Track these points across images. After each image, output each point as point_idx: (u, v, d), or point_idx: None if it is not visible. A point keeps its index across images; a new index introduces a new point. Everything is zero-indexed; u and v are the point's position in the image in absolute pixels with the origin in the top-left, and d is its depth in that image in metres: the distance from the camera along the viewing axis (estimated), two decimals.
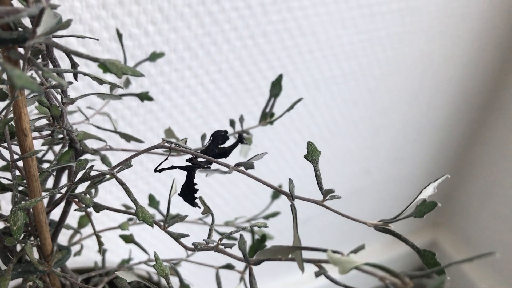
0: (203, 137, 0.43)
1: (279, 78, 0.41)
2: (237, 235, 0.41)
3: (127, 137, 0.41)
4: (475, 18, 0.82)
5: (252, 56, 0.65)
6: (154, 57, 0.46)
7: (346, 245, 1.04)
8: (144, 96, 0.42)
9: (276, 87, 0.41)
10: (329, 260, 0.22)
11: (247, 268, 0.41)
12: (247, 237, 0.46)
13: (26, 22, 0.33)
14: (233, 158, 0.33)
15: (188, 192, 0.30)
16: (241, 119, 0.42)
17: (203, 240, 0.30)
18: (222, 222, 0.51)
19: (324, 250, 0.23)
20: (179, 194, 0.31)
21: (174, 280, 0.42)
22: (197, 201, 0.32)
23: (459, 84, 0.92)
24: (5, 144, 0.34)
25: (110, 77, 0.54)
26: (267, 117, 0.41)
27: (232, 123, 0.42)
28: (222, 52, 0.63)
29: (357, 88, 0.80)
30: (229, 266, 0.42)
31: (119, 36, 0.43)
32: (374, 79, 0.80)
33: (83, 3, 0.51)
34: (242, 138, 0.29)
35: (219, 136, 0.30)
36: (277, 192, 0.50)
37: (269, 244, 0.41)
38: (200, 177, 0.72)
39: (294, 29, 0.66)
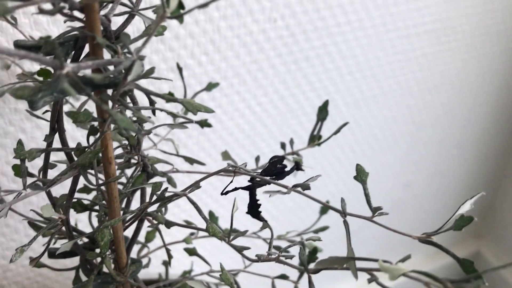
0: (257, 159, 0.47)
1: (325, 103, 0.45)
2: (290, 248, 0.45)
3: (191, 160, 0.46)
4: (511, 35, 0.84)
5: (295, 79, 0.70)
6: (210, 87, 0.50)
7: (389, 256, 1.06)
8: (204, 124, 0.47)
9: (322, 112, 0.45)
10: (380, 268, 0.26)
11: (301, 277, 0.45)
12: (298, 250, 0.50)
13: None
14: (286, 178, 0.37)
15: (253, 209, 0.34)
16: (291, 142, 0.46)
17: (266, 252, 0.34)
18: (275, 236, 0.55)
19: (375, 260, 0.27)
20: (247, 213, 0.35)
21: None
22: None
23: (497, 97, 0.94)
24: (91, 171, 0.39)
25: (168, 106, 0.60)
26: (315, 139, 0.46)
27: (283, 145, 0.47)
28: (267, 77, 0.67)
29: (396, 105, 0.83)
30: (284, 276, 0.46)
31: (180, 69, 0.48)
32: (412, 96, 0.83)
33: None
34: (299, 166, 0.33)
35: (277, 160, 0.34)
36: (325, 208, 0.53)
37: (319, 256, 0.45)
38: None
39: (334, 53, 0.70)
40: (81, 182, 0.40)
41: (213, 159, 0.71)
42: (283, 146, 0.46)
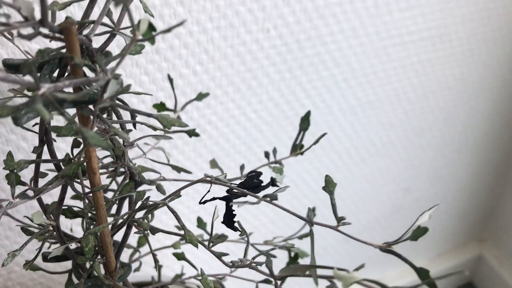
0: (242, 167, 0.49)
1: (307, 114, 0.47)
2: (273, 253, 0.47)
3: (178, 169, 0.48)
4: (508, 41, 0.85)
5: (290, 87, 0.71)
6: (200, 97, 0.52)
7: (390, 260, 1.08)
8: (191, 133, 0.49)
9: (304, 122, 0.47)
10: (334, 276, 0.28)
11: (283, 283, 0.46)
12: (286, 255, 0.52)
13: None
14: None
15: (228, 219, 0.36)
16: (274, 151, 0.48)
17: (238, 259, 0.36)
18: (267, 239, 0.57)
19: (331, 268, 0.28)
20: (222, 222, 0.37)
21: None
22: (236, 225, 0.39)
23: (495, 102, 0.95)
24: (78, 180, 0.41)
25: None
26: (297, 148, 0.47)
27: (266, 154, 0.48)
28: (262, 85, 0.69)
29: (393, 111, 0.84)
30: (267, 281, 0.48)
31: (170, 80, 0.50)
32: (409, 102, 0.84)
33: None
34: (275, 182, 0.35)
35: (255, 175, 0.36)
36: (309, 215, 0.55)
37: (306, 261, 0.46)
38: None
39: (328, 61, 0.71)
40: None
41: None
42: (266, 154, 0.48)
